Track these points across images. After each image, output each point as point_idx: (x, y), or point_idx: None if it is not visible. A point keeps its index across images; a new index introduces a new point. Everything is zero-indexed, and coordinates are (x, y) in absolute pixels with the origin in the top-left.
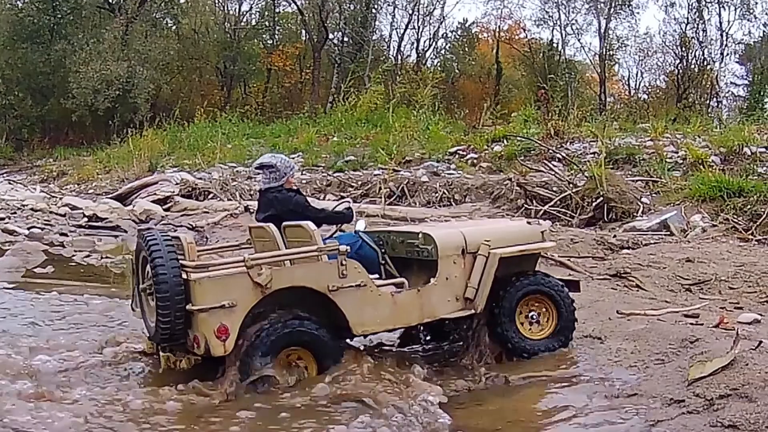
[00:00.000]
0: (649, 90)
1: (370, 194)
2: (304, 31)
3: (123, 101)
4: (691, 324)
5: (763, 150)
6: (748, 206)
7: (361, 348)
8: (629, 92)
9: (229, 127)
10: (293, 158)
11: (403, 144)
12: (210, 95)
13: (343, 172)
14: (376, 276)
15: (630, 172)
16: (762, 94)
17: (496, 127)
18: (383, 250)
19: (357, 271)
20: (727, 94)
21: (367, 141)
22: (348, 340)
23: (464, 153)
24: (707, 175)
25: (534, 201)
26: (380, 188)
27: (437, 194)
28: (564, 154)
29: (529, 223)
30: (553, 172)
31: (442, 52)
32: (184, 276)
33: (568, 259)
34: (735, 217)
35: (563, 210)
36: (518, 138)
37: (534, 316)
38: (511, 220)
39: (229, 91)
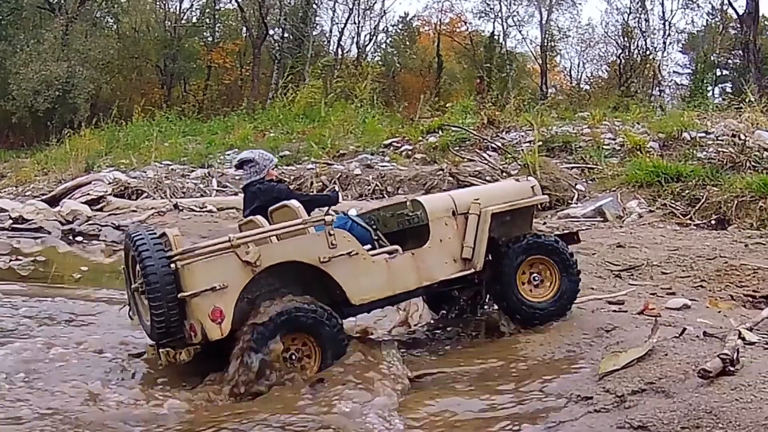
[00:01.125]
0: (591, 80)
1: (302, 189)
2: (244, 28)
3: (63, 102)
4: (614, 311)
5: (703, 135)
6: (687, 191)
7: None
8: (571, 83)
9: (166, 125)
10: (228, 154)
11: (339, 138)
12: (150, 94)
13: (276, 168)
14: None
15: (566, 160)
16: (704, 82)
17: (433, 119)
18: (375, 228)
19: (347, 240)
20: (670, 83)
21: (303, 136)
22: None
23: (399, 145)
24: (644, 161)
25: None
26: (312, 182)
27: (370, 187)
28: (499, 144)
29: (517, 180)
30: (486, 161)
31: (383, 46)
32: (173, 267)
33: None
34: (673, 202)
35: None
36: (452, 128)
37: (536, 278)
38: (507, 180)
39: (169, 89)
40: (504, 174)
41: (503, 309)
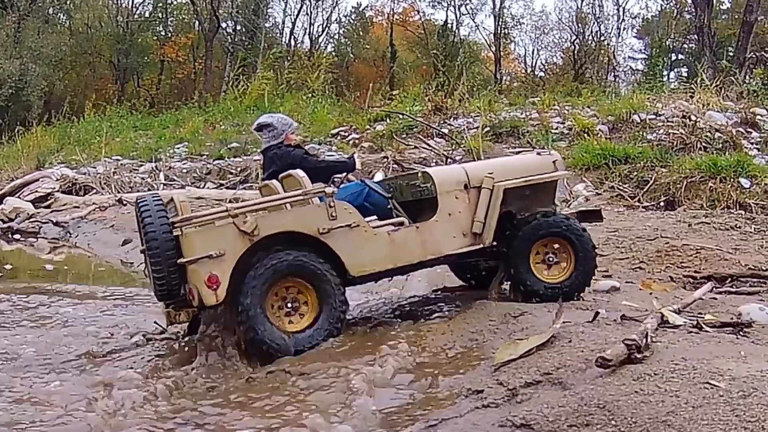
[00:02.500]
0: (546, 67)
1: (249, 180)
2: (197, 21)
3: (16, 99)
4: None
5: (653, 117)
6: (635, 173)
7: None
8: (526, 70)
9: (116, 120)
10: (178, 148)
11: None
12: (104, 89)
13: (223, 160)
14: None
15: (513, 145)
16: (660, 66)
17: (382, 107)
18: (390, 196)
19: (348, 212)
20: (625, 69)
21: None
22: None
23: (346, 134)
24: (592, 144)
25: None
26: (257, 174)
27: None
28: (446, 130)
29: (538, 154)
30: (429, 148)
31: (336, 36)
32: (176, 233)
33: None
34: (621, 184)
35: None
36: (399, 116)
37: (551, 258)
38: (522, 154)
39: (122, 84)
40: (449, 160)
41: (518, 289)
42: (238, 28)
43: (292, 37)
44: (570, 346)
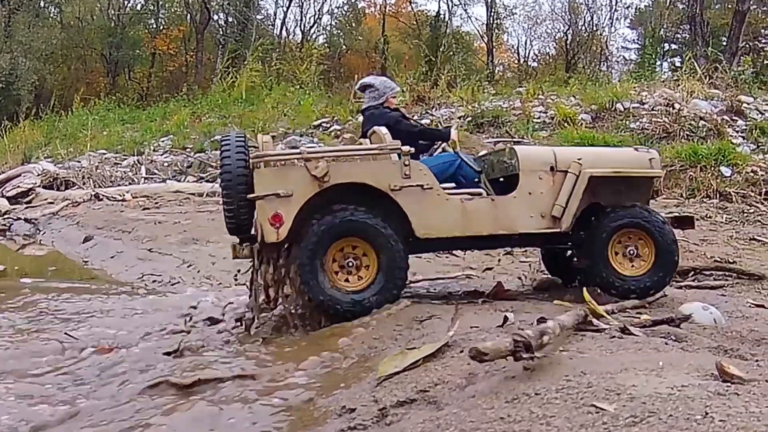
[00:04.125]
0: (539, 57)
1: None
2: (189, 14)
3: (6, 94)
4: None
5: (637, 105)
6: None
7: None
8: (518, 60)
9: (104, 113)
10: (163, 141)
11: (273, 120)
12: (95, 83)
13: (204, 152)
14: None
15: (493, 135)
16: (654, 56)
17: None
18: (480, 171)
19: (423, 173)
20: (618, 59)
21: (240, 120)
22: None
23: (328, 125)
24: (572, 133)
25: None
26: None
27: None
28: (428, 120)
29: (636, 149)
30: None
31: (329, 28)
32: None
33: None
34: None
35: None
36: None
37: (632, 252)
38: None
39: (113, 77)
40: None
41: (595, 282)
42: (230, 20)
43: (284, 28)
44: (459, 357)
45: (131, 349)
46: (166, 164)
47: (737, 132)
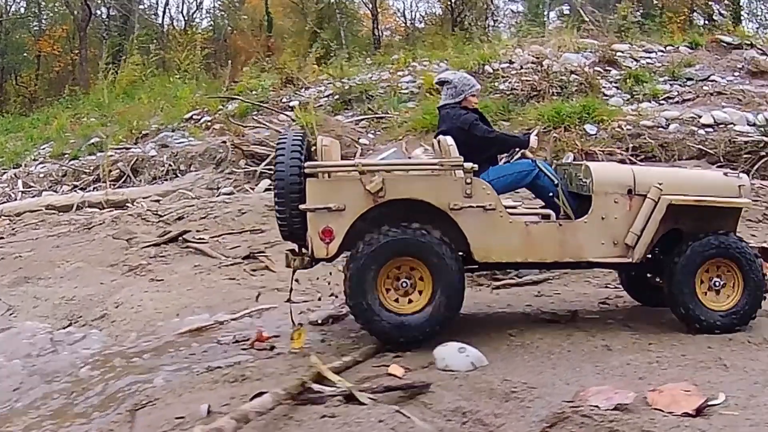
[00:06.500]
0: (426, 18)
1: (100, 179)
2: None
3: None
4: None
5: (507, 65)
6: None
7: None
8: (405, 24)
9: None
10: (43, 149)
11: (149, 116)
12: None
13: (78, 159)
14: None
15: (357, 110)
16: (539, 7)
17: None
18: (556, 183)
19: (486, 192)
20: (506, 12)
21: (119, 118)
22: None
23: (199, 117)
24: (434, 103)
25: (257, 161)
26: (105, 171)
27: (164, 168)
28: (297, 102)
29: (725, 174)
30: (267, 126)
31: (212, 10)
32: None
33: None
34: None
35: None
36: (249, 94)
37: (717, 283)
38: (713, 171)
39: (1, 84)
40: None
41: (673, 309)
42: (113, 13)
43: (165, 16)
44: None
45: None
46: (42, 175)
47: (610, 83)
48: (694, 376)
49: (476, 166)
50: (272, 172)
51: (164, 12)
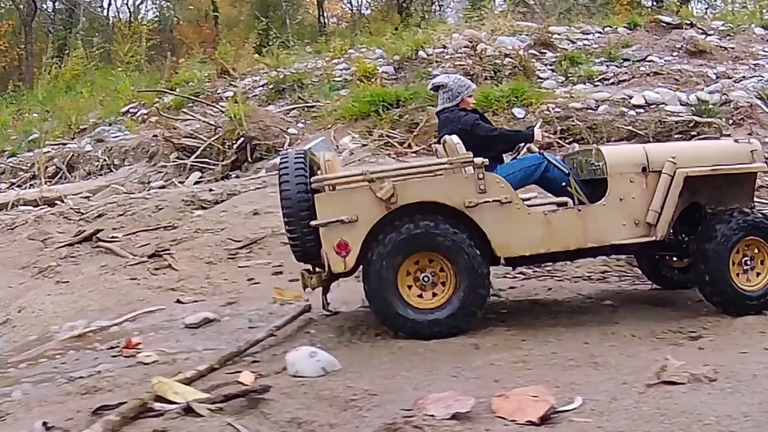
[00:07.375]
0: (372, 4)
1: (37, 177)
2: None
3: None
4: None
5: (441, 50)
6: (406, 116)
7: None
8: (351, 10)
9: None
10: None
11: (88, 110)
12: None
13: (15, 156)
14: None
15: (289, 101)
16: None
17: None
18: (567, 173)
19: (500, 186)
20: None
21: (59, 113)
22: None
23: (136, 110)
24: (364, 91)
25: (187, 154)
26: (39, 168)
27: (98, 163)
28: (232, 93)
29: (736, 141)
30: (198, 119)
31: (158, 1)
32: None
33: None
34: (391, 130)
35: (208, 160)
36: (184, 86)
37: (748, 263)
38: (722, 140)
39: None
40: (219, 129)
41: (708, 295)
42: (58, 7)
43: (110, 8)
44: None
45: None
46: None
47: (545, 65)
48: (560, 376)
49: (486, 160)
50: (279, 192)
51: (110, 4)
